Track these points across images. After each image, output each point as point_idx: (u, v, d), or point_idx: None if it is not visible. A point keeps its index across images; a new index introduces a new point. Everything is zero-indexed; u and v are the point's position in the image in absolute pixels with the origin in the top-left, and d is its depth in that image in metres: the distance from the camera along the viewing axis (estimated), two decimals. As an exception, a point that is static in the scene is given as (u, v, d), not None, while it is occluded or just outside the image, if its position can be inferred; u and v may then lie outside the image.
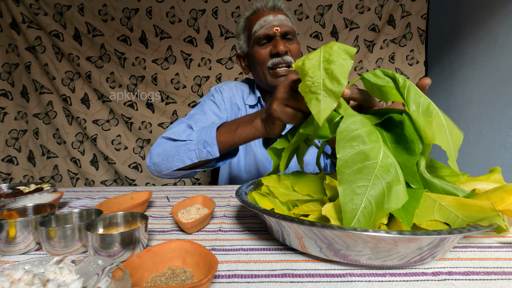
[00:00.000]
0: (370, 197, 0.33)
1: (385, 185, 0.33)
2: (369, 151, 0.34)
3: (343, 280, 0.32)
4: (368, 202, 0.33)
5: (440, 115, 0.37)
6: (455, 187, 0.38)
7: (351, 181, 0.33)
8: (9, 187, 0.69)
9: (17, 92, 1.79)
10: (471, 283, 0.31)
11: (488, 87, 1.47)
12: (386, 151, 0.35)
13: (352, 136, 0.35)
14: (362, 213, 0.33)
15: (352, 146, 0.34)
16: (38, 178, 1.84)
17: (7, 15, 1.70)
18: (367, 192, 0.33)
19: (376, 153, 0.34)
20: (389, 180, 0.34)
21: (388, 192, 0.33)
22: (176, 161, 0.65)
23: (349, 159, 0.34)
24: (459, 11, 1.68)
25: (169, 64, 1.81)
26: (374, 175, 0.33)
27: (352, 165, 0.34)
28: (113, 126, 1.83)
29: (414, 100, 0.38)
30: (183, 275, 0.32)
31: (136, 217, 0.43)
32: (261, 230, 0.46)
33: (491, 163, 1.45)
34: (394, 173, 0.34)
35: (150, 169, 0.71)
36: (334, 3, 1.80)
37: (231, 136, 0.59)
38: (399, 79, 0.39)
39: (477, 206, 0.32)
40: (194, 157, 0.63)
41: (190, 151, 0.63)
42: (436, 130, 0.36)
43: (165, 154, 0.67)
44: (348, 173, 0.33)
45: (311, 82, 0.38)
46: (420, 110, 0.37)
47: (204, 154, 0.62)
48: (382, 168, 0.34)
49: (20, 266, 0.26)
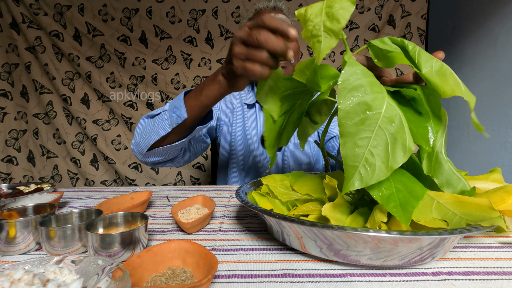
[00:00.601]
0: (373, 149, 0.32)
1: (388, 136, 0.32)
2: (372, 101, 0.32)
3: (343, 280, 0.32)
4: (371, 154, 0.32)
5: (454, 74, 0.36)
6: (460, 178, 0.38)
7: (353, 133, 0.32)
8: (9, 187, 0.69)
9: (17, 92, 1.79)
10: (471, 283, 0.31)
11: (488, 87, 1.47)
12: (390, 102, 0.33)
13: (354, 86, 0.32)
14: (363, 167, 0.32)
15: (354, 96, 0.32)
16: (38, 178, 1.84)
17: (7, 15, 1.70)
18: (369, 144, 0.32)
19: (380, 104, 0.32)
20: (393, 131, 0.32)
21: (392, 145, 0.32)
22: (152, 134, 0.63)
23: (351, 109, 0.32)
24: (459, 11, 1.68)
25: (169, 64, 1.81)
26: (377, 126, 0.32)
27: (354, 116, 0.32)
28: (113, 126, 1.83)
29: (426, 61, 0.37)
30: (183, 275, 0.32)
31: (136, 217, 0.43)
32: (261, 230, 0.46)
33: (491, 163, 1.45)
34: (398, 124, 0.32)
35: (134, 152, 0.70)
36: (334, 3, 1.80)
37: (198, 97, 0.58)
38: (408, 46, 0.38)
39: (474, 204, 0.32)
40: (167, 126, 0.61)
41: (163, 120, 0.62)
42: (454, 84, 0.35)
43: (145, 131, 0.66)
44: (349, 125, 0.32)
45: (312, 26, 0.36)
46: (433, 70, 0.36)
47: (174, 119, 0.60)
48: (386, 119, 0.32)
49: (20, 266, 0.26)
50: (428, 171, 0.38)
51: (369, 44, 0.42)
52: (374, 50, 0.42)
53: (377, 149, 0.32)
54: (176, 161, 0.76)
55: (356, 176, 0.32)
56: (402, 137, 0.32)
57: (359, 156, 0.32)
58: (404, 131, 0.33)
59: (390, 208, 0.32)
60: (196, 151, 0.83)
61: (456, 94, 0.34)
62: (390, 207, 0.32)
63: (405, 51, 0.39)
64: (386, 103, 0.33)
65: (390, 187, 0.34)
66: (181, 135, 0.65)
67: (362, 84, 0.33)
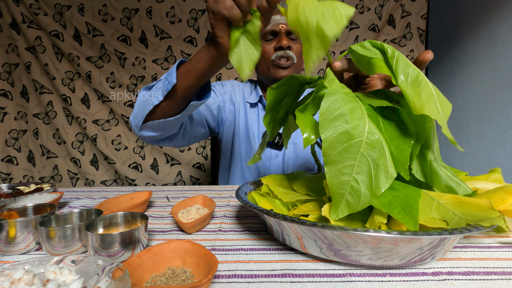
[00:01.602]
0: (357, 176, 0.33)
1: (371, 162, 0.33)
2: (353, 129, 0.33)
3: (343, 280, 0.32)
4: (355, 181, 0.33)
5: (430, 85, 0.36)
6: (459, 183, 0.38)
7: (338, 161, 0.33)
8: (9, 187, 0.69)
9: (17, 92, 1.79)
10: (471, 283, 0.31)
11: (488, 87, 1.47)
12: (371, 127, 0.34)
13: (335, 116, 0.34)
14: (349, 194, 0.33)
15: (335, 127, 0.33)
16: (38, 178, 1.84)
17: (7, 15, 1.70)
18: (353, 171, 0.33)
19: (361, 131, 0.33)
20: (375, 157, 0.33)
21: (375, 171, 0.33)
22: (147, 105, 0.62)
23: (334, 140, 0.33)
24: (459, 11, 1.68)
25: (169, 64, 1.81)
26: (360, 153, 0.33)
27: (337, 145, 0.33)
28: (113, 126, 1.83)
29: (403, 70, 0.37)
30: (183, 275, 0.32)
31: (136, 217, 0.43)
32: (261, 230, 0.46)
33: (491, 163, 1.45)
34: (380, 149, 0.33)
35: (132, 125, 0.68)
36: (334, 3, 1.80)
37: (190, 62, 0.57)
38: (387, 49, 0.38)
39: (475, 204, 0.32)
40: (160, 94, 0.60)
41: (157, 89, 0.61)
42: (425, 99, 0.35)
43: (142, 102, 0.65)
44: (333, 154, 0.33)
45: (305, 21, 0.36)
46: (408, 80, 0.36)
47: (165, 86, 0.59)
48: (367, 146, 0.33)
49: (20, 266, 0.26)
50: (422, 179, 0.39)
51: (350, 49, 0.42)
52: (355, 56, 0.42)
53: (362, 176, 0.33)
54: (176, 140, 0.75)
55: (344, 203, 0.33)
56: (384, 164, 0.33)
57: (344, 184, 0.33)
58: (386, 157, 0.33)
59: (395, 215, 0.32)
60: (196, 135, 0.83)
61: (424, 112, 0.34)
62: (395, 213, 0.32)
63: (385, 56, 0.39)
64: (367, 129, 0.33)
65: (386, 195, 0.34)
66: (176, 107, 0.63)
67: (342, 113, 0.34)
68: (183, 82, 0.58)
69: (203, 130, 0.87)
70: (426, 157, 0.38)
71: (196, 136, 0.83)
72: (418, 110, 0.35)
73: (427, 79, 0.36)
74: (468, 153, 1.59)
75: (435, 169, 0.38)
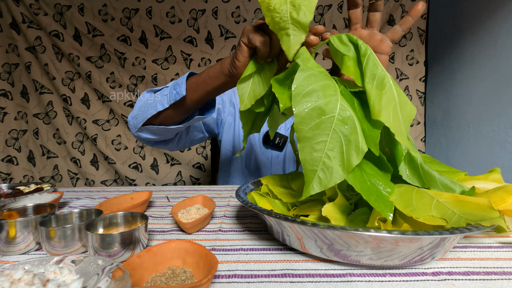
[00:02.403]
0: (329, 152, 0.33)
1: (343, 138, 0.33)
2: (325, 105, 0.33)
3: (343, 280, 0.32)
4: (328, 157, 0.33)
5: (393, 88, 0.35)
6: (453, 181, 0.38)
7: (310, 137, 0.33)
8: (9, 187, 0.69)
9: (17, 92, 1.79)
10: (471, 283, 0.31)
11: (488, 87, 1.47)
12: (344, 104, 0.34)
13: (307, 92, 0.33)
14: (322, 170, 0.33)
15: (307, 101, 0.33)
16: (38, 178, 1.84)
17: (7, 15, 1.70)
18: (326, 147, 0.33)
19: (333, 107, 0.33)
20: (347, 133, 0.33)
21: (347, 147, 0.33)
22: (150, 108, 0.62)
23: (306, 115, 0.33)
24: (459, 11, 1.68)
25: (169, 64, 1.81)
26: (332, 129, 0.33)
27: (310, 121, 0.33)
28: (113, 126, 1.83)
29: (371, 71, 0.36)
30: (183, 275, 0.32)
31: (136, 217, 0.43)
32: (261, 230, 0.46)
33: (491, 163, 1.45)
34: (352, 125, 0.33)
35: (129, 125, 0.68)
36: (334, 3, 1.80)
37: (200, 75, 0.57)
38: (361, 47, 0.38)
39: (474, 203, 0.32)
40: (165, 102, 0.60)
41: (163, 96, 0.61)
42: (384, 105, 0.35)
43: (144, 105, 0.65)
44: (306, 130, 0.33)
45: (279, 17, 0.37)
46: (374, 83, 0.36)
47: (173, 96, 0.59)
48: (339, 122, 0.33)
49: (20, 266, 0.26)
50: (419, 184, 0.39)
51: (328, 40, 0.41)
52: (332, 48, 0.41)
53: (334, 152, 0.33)
54: (171, 145, 0.75)
55: (316, 180, 0.33)
56: (355, 139, 0.33)
57: (317, 160, 0.33)
58: (357, 132, 0.33)
59: (372, 202, 0.32)
60: (193, 139, 0.83)
61: (379, 119, 0.34)
62: (372, 201, 0.33)
63: (358, 53, 0.39)
64: (339, 106, 0.33)
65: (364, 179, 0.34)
66: (178, 117, 0.63)
67: (314, 89, 0.34)
68: (191, 95, 0.58)
69: (201, 135, 0.86)
70: (415, 160, 0.38)
71: (193, 140, 0.83)
72: (376, 115, 0.35)
73: (392, 82, 0.36)
74: (468, 153, 1.59)
75: (427, 170, 0.38)
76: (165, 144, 0.74)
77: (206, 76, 0.55)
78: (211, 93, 0.57)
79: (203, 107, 0.66)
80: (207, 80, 0.55)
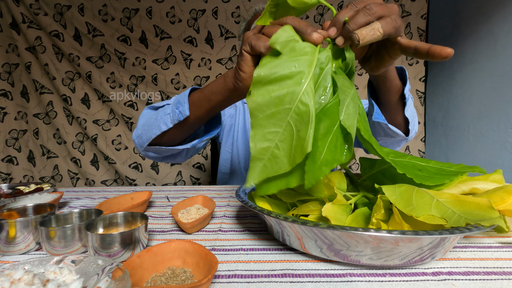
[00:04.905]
0: (280, 143, 0.32)
1: (295, 133, 0.32)
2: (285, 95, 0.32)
3: (343, 280, 0.32)
4: (277, 148, 0.32)
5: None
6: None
7: (264, 125, 0.32)
8: (9, 187, 0.69)
9: (17, 92, 1.79)
10: (471, 283, 0.31)
11: (488, 87, 1.47)
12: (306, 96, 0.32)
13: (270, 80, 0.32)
14: (269, 160, 0.32)
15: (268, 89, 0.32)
16: (38, 178, 1.84)
17: (7, 15, 1.71)
18: (277, 138, 0.32)
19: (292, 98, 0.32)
20: (300, 128, 0.32)
21: (296, 142, 0.32)
22: (154, 129, 0.61)
23: (264, 102, 0.32)
24: (459, 11, 1.68)
25: (169, 64, 1.81)
26: (287, 121, 0.32)
27: (266, 109, 0.32)
28: (114, 126, 1.83)
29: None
30: (183, 275, 0.32)
31: (136, 217, 0.43)
32: (261, 230, 0.46)
33: (491, 163, 1.45)
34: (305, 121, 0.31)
35: (135, 144, 0.68)
36: (334, 3, 1.80)
37: (203, 92, 0.54)
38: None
39: (474, 202, 0.32)
40: (169, 121, 0.58)
41: (166, 115, 0.59)
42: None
43: (147, 123, 0.63)
44: (260, 117, 0.32)
45: None
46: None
47: (176, 115, 0.57)
48: (296, 115, 0.31)
49: (20, 266, 0.26)
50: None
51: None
52: None
53: (284, 144, 0.32)
54: (179, 158, 0.75)
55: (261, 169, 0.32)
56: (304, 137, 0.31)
57: (266, 151, 0.32)
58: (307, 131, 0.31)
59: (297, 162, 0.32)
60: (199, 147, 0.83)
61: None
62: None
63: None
64: (299, 99, 0.32)
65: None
66: (184, 134, 0.62)
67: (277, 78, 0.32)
68: (195, 112, 0.56)
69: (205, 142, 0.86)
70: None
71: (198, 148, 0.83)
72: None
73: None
74: (468, 153, 1.59)
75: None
76: (174, 158, 0.74)
77: (208, 93, 0.52)
78: (215, 109, 0.55)
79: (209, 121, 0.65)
80: (210, 97, 0.52)
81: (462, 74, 1.65)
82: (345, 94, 0.34)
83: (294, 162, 0.32)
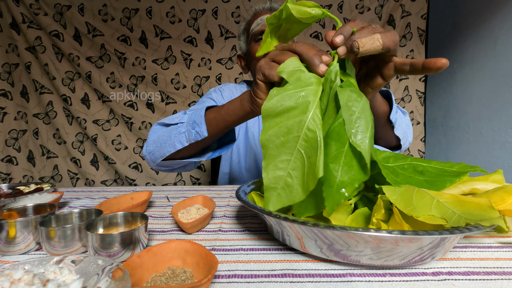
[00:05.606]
0: (292, 172, 0.33)
1: (306, 160, 0.33)
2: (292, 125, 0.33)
3: (343, 280, 0.32)
4: (290, 176, 0.33)
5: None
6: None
7: (275, 155, 0.33)
8: (9, 187, 0.69)
9: (17, 92, 1.79)
10: (471, 283, 0.31)
11: (488, 87, 1.47)
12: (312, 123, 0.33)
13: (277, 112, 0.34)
14: (283, 189, 0.33)
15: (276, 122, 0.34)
16: (38, 178, 1.84)
17: (7, 15, 1.70)
18: (289, 166, 0.33)
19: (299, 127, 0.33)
20: (310, 155, 0.33)
21: (308, 169, 0.33)
22: (168, 146, 0.62)
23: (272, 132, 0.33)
24: (459, 11, 1.68)
25: (169, 64, 1.81)
26: (297, 149, 0.33)
27: (275, 139, 0.33)
28: (113, 126, 1.83)
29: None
30: (183, 275, 0.32)
31: (136, 217, 0.43)
32: (261, 230, 0.46)
33: (491, 163, 1.45)
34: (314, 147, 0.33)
35: (146, 159, 0.69)
36: (334, 3, 1.80)
37: (219, 112, 0.56)
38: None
39: (474, 203, 0.32)
40: (184, 140, 0.60)
41: (180, 134, 0.60)
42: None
43: (159, 140, 0.64)
44: (271, 147, 0.33)
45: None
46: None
47: (193, 136, 0.58)
48: (305, 142, 0.33)
49: (20, 266, 0.26)
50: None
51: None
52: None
53: (296, 172, 0.33)
54: (189, 167, 0.76)
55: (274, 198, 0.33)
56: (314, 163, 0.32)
57: (279, 179, 0.33)
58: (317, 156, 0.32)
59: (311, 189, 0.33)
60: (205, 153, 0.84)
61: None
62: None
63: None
64: (306, 126, 0.33)
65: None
66: (196, 150, 0.64)
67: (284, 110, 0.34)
68: (211, 131, 0.58)
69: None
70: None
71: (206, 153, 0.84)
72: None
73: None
74: (468, 153, 1.59)
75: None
76: (184, 168, 0.75)
77: (225, 114, 0.55)
78: (230, 127, 0.57)
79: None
80: (226, 118, 0.55)
81: (462, 74, 1.65)
82: (351, 111, 0.34)
83: (308, 189, 0.32)
